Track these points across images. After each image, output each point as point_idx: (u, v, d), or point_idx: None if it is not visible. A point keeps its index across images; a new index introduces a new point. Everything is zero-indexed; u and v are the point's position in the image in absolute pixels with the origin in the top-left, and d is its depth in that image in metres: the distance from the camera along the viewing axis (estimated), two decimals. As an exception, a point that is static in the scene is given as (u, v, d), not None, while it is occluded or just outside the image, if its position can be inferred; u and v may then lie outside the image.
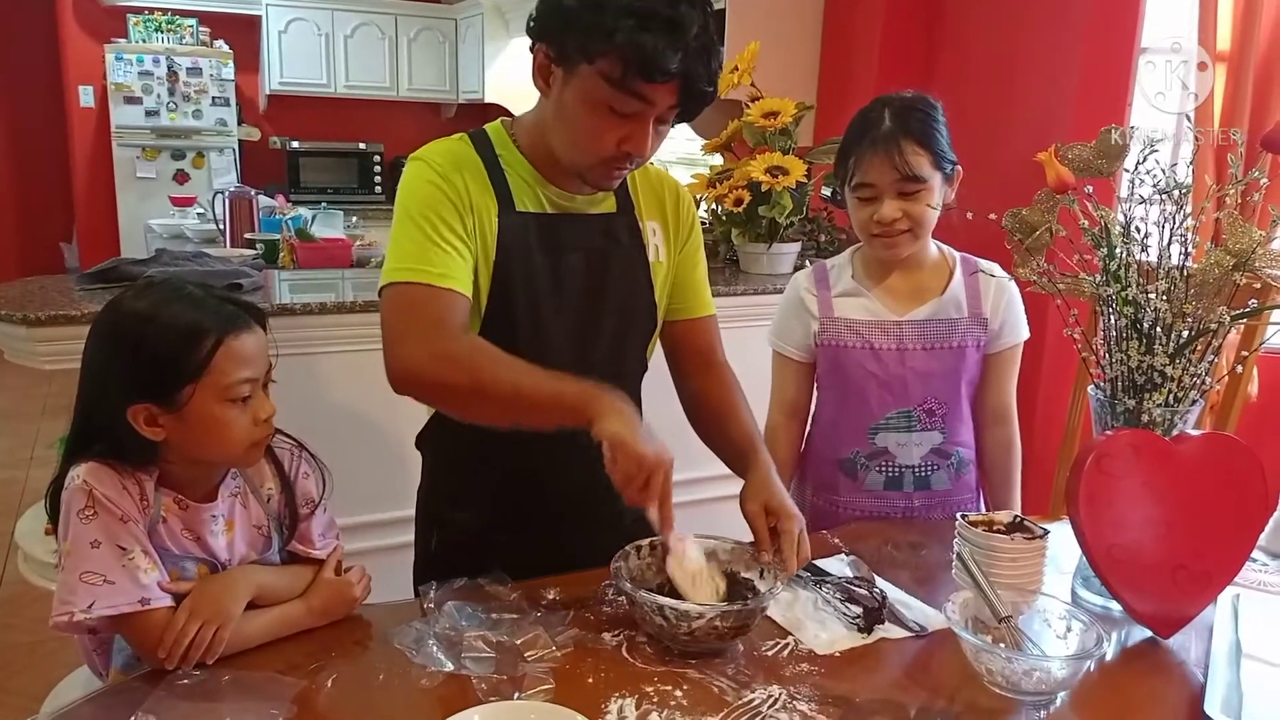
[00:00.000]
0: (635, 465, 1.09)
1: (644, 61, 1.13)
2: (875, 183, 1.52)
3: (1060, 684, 1.04)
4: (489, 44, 5.79)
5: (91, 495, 1.06)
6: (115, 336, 1.11)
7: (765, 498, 1.25)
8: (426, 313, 1.20)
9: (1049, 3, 2.89)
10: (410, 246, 1.23)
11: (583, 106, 1.20)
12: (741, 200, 2.76)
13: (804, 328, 1.66)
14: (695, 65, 1.16)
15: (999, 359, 1.65)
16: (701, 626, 1.08)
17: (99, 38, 5.69)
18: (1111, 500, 1.19)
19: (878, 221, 1.53)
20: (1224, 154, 2.46)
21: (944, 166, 1.52)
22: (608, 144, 1.22)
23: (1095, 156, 1.31)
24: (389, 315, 1.22)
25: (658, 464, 1.10)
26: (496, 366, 1.17)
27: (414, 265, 1.22)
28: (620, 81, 1.16)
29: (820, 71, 3.60)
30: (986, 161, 1.58)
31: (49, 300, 2.01)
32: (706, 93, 1.20)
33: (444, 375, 1.17)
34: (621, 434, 1.09)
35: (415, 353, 1.18)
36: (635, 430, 1.11)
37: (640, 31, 1.12)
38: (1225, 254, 1.19)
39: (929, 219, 1.54)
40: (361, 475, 1.90)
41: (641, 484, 1.10)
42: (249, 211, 3.74)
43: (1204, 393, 1.24)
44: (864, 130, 1.53)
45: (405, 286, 1.21)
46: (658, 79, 1.15)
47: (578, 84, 1.19)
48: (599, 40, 1.14)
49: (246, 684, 1.04)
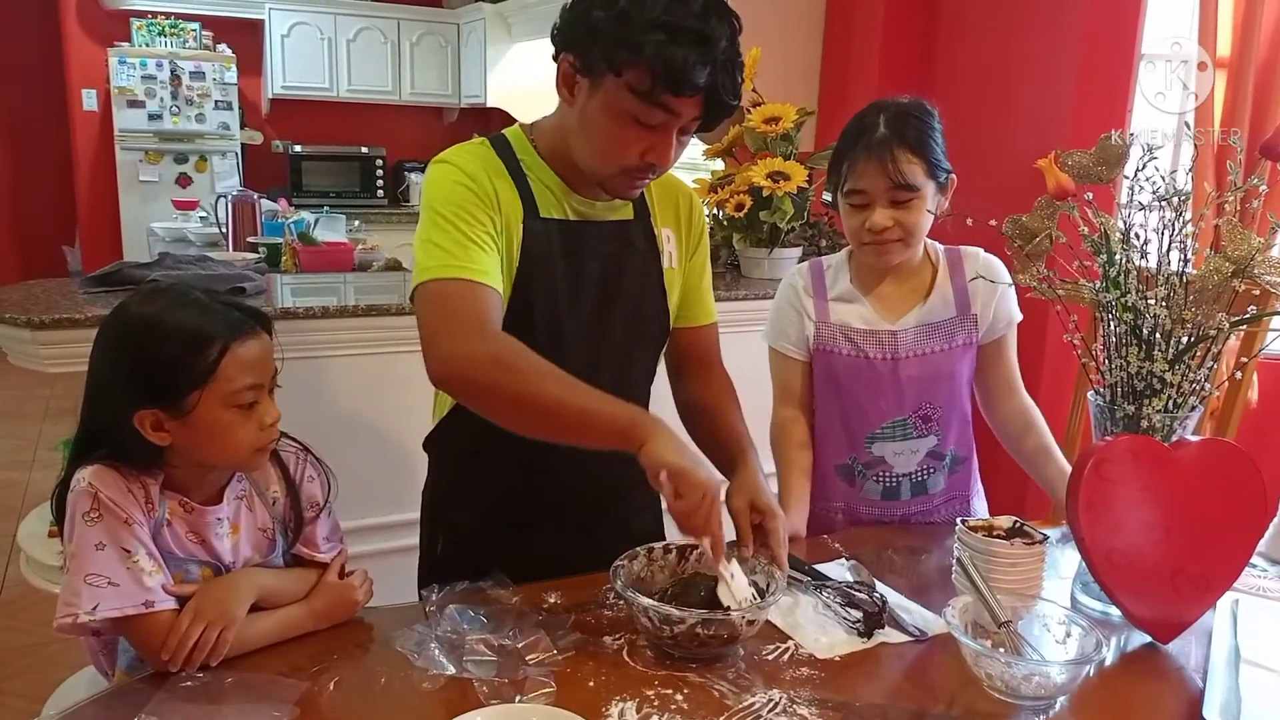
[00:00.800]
0: (700, 496, 1.09)
1: (672, 75, 1.13)
2: (868, 189, 1.51)
3: (1059, 689, 1.04)
4: (491, 48, 5.80)
5: (96, 498, 1.07)
6: (122, 341, 1.11)
7: (751, 495, 1.27)
8: (467, 309, 1.19)
9: (1048, 8, 2.89)
10: (445, 243, 1.22)
11: (608, 117, 1.20)
12: (743, 205, 2.76)
13: (800, 328, 1.66)
14: (722, 78, 1.16)
15: (998, 345, 1.64)
16: (683, 631, 1.08)
17: (102, 41, 5.70)
18: (1111, 505, 1.19)
19: (869, 229, 1.52)
20: (1224, 160, 2.47)
21: (938, 175, 1.51)
22: (631, 154, 1.22)
23: (1095, 163, 1.32)
24: (428, 312, 1.21)
25: (716, 494, 1.10)
26: (544, 378, 1.15)
27: (450, 261, 1.20)
28: (648, 94, 1.15)
29: (821, 77, 3.61)
30: (986, 167, 1.58)
31: (52, 303, 2.02)
32: (730, 105, 1.20)
33: (491, 379, 1.15)
34: (681, 464, 1.09)
35: (461, 351, 1.16)
36: (691, 457, 1.11)
37: (669, 45, 1.12)
38: (1224, 260, 1.20)
39: (921, 228, 1.54)
40: (365, 478, 1.91)
41: (705, 515, 1.10)
42: (251, 215, 3.74)
43: (1203, 399, 1.24)
44: (858, 136, 1.51)
45: (443, 283, 1.20)
46: (686, 93, 1.15)
47: (603, 95, 1.19)
48: (627, 52, 1.14)
49: (249, 686, 1.05)
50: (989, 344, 1.63)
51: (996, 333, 1.62)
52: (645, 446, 1.10)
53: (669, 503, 1.11)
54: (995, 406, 1.67)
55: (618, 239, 1.37)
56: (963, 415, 1.66)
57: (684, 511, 1.10)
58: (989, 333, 1.62)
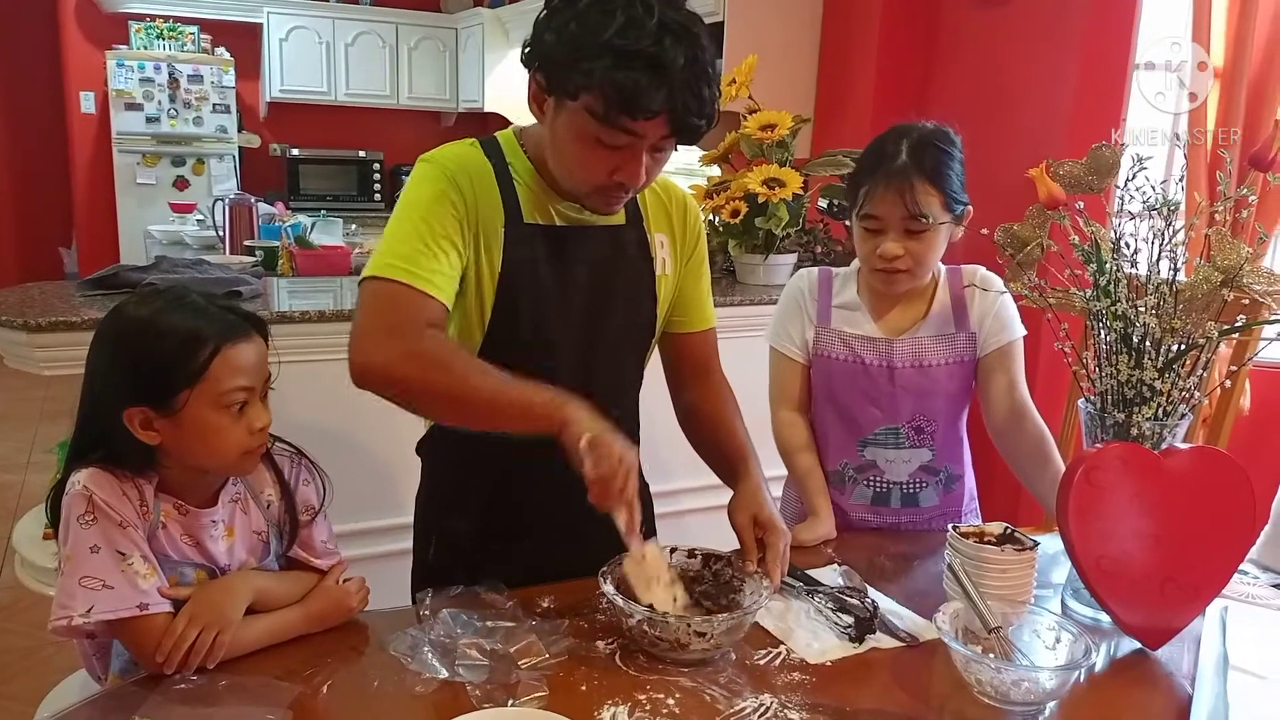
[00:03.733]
0: (615, 462, 1.10)
1: (624, 100, 1.12)
2: (883, 216, 1.50)
3: (1049, 695, 1.05)
4: (489, 53, 5.82)
5: (91, 501, 1.07)
6: (116, 341, 1.12)
7: (755, 510, 1.28)
8: (401, 313, 1.19)
9: (1044, 18, 2.91)
10: (401, 245, 1.22)
11: (573, 138, 1.20)
12: (738, 211, 2.77)
13: (801, 330, 1.67)
14: (683, 99, 1.14)
15: (997, 358, 1.59)
16: (634, 627, 1.11)
17: (100, 44, 5.70)
18: (1101, 512, 1.20)
19: (880, 256, 1.51)
20: (1214, 170, 2.48)
21: (954, 208, 1.50)
22: (599, 174, 1.22)
23: (1086, 173, 1.33)
24: (363, 307, 1.21)
25: (632, 464, 1.11)
26: (467, 369, 1.17)
27: (401, 263, 1.20)
28: (604, 117, 1.14)
29: (818, 85, 3.62)
30: (979, 176, 1.59)
31: (49, 306, 2.02)
32: (699, 125, 1.17)
33: (409, 373, 1.16)
34: (595, 430, 1.10)
35: (383, 349, 1.16)
36: (609, 429, 1.12)
37: (619, 70, 1.11)
38: (1214, 270, 1.20)
39: (931, 259, 1.53)
40: (359, 482, 1.91)
41: (621, 484, 1.11)
42: (248, 218, 3.74)
43: (1192, 407, 1.25)
44: (878, 162, 1.50)
45: (387, 283, 1.20)
46: (641, 117, 1.14)
47: (567, 116, 1.19)
48: (579, 78, 1.14)
49: (243, 689, 1.05)
50: (986, 357, 1.60)
51: (992, 345, 1.59)
52: (567, 425, 1.11)
53: (586, 471, 1.10)
54: (1002, 430, 1.60)
55: (609, 244, 1.37)
56: (958, 435, 1.67)
57: (598, 479, 1.10)
58: (985, 345, 1.60)
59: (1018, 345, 1.60)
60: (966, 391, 1.65)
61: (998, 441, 1.63)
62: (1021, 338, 1.61)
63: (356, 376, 1.17)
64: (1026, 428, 1.58)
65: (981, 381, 1.63)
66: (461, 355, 1.20)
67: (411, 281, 1.20)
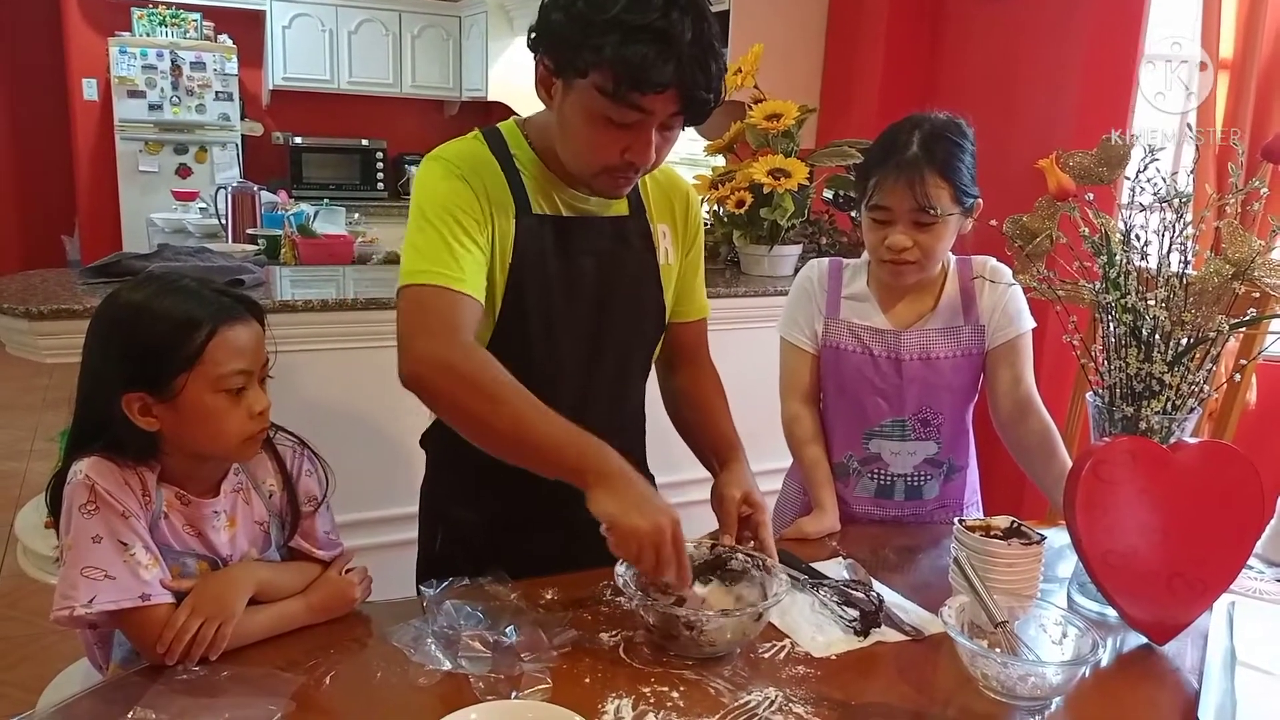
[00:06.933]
0: (636, 544, 1.09)
1: (635, 74, 1.12)
2: (892, 207, 1.49)
3: (1055, 690, 1.05)
4: (493, 42, 5.80)
5: (93, 490, 1.06)
6: (111, 328, 1.11)
7: (747, 489, 1.33)
8: (439, 316, 1.20)
9: (1052, 9, 2.89)
10: (426, 248, 1.23)
11: (582, 118, 1.19)
12: (743, 202, 2.76)
13: (811, 320, 1.66)
14: (692, 73, 1.14)
15: (1005, 351, 1.58)
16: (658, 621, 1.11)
17: (103, 31, 5.69)
18: (1108, 507, 1.19)
19: (888, 247, 1.50)
20: (1225, 162, 2.47)
21: (964, 201, 1.49)
22: (611, 154, 1.22)
23: (1096, 164, 1.32)
24: (404, 318, 1.22)
25: (659, 534, 1.09)
26: (502, 400, 1.15)
27: (429, 267, 1.21)
28: (614, 94, 1.14)
29: (824, 74, 3.60)
30: (988, 167, 1.58)
31: (50, 294, 2.02)
32: (706, 99, 1.18)
33: (451, 391, 1.17)
34: (613, 513, 1.09)
35: (426, 357, 1.17)
36: (629, 501, 1.10)
37: (628, 44, 1.11)
38: (1225, 263, 1.20)
39: (940, 252, 1.52)
40: (363, 472, 1.90)
41: (652, 559, 1.09)
42: (251, 207, 3.74)
43: (1202, 401, 1.24)
44: (889, 152, 1.48)
45: (420, 289, 1.21)
46: (650, 90, 1.14)
47: (576, 96, 1.19)
48: (588, 54, 1.13)
49: (245, 680, 1.05)
50: (995, 349, 1.59)
51: (1000, 338, 1.58)
52: (590, 492, 1.11)
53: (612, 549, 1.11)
54: (1007, 423, 1.60)
55: (613, 235, 1.37)
56: (964, 427, 1.66)
57: (628, 560, 1.12)
58: (993, 338, 1.59)
59: (1026, 338, 1.60)
60: (974, 386, 1.64)
61: (1003, 434, 1.63)
62: (1030, 331, 1.60)
63: (406, 382, 1.20)
64: (1032, 421, 1.58)
65: (989, 374, 1.62)
66: (504, 380, 1.17)
67: (443, 283, 1.21)
